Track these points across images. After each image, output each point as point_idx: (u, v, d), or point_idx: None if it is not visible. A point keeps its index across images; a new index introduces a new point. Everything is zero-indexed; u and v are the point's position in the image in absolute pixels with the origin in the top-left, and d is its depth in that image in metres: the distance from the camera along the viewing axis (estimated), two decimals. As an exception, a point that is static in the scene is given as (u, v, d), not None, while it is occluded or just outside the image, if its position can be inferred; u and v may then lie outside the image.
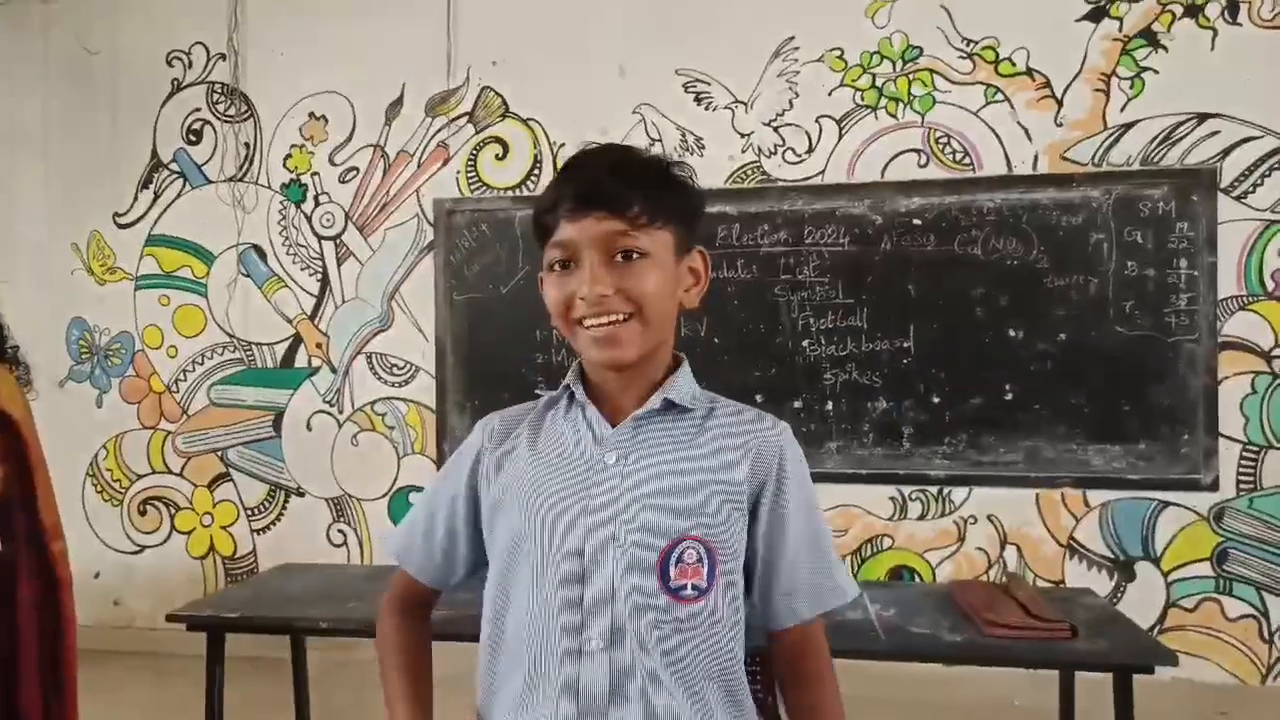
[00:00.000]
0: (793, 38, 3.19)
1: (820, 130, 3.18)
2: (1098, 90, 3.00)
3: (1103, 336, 2.96)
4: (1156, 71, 2.96)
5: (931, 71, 3.10)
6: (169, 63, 3.68)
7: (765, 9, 3.19)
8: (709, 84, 3.26)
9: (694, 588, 0.88)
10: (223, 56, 3.63)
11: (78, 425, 3.73)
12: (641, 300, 0.89)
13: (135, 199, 3.71)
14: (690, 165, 0.99)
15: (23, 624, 1.37)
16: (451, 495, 1.01)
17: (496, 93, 3.42)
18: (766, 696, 1.07)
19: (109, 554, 3.74)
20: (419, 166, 3.49)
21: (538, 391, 1.03)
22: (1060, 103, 3.02)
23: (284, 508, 3.61)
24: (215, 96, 3.65)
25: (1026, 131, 3.04)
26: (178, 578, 3.67)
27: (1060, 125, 3.02)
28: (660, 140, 3.26)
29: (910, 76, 3.12)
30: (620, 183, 0.89)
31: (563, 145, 3.36)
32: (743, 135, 3.23)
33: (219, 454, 3.66)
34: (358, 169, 3.53)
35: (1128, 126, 2.98)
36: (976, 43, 3.07)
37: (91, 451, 3.75)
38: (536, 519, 0.92)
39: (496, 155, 3.43)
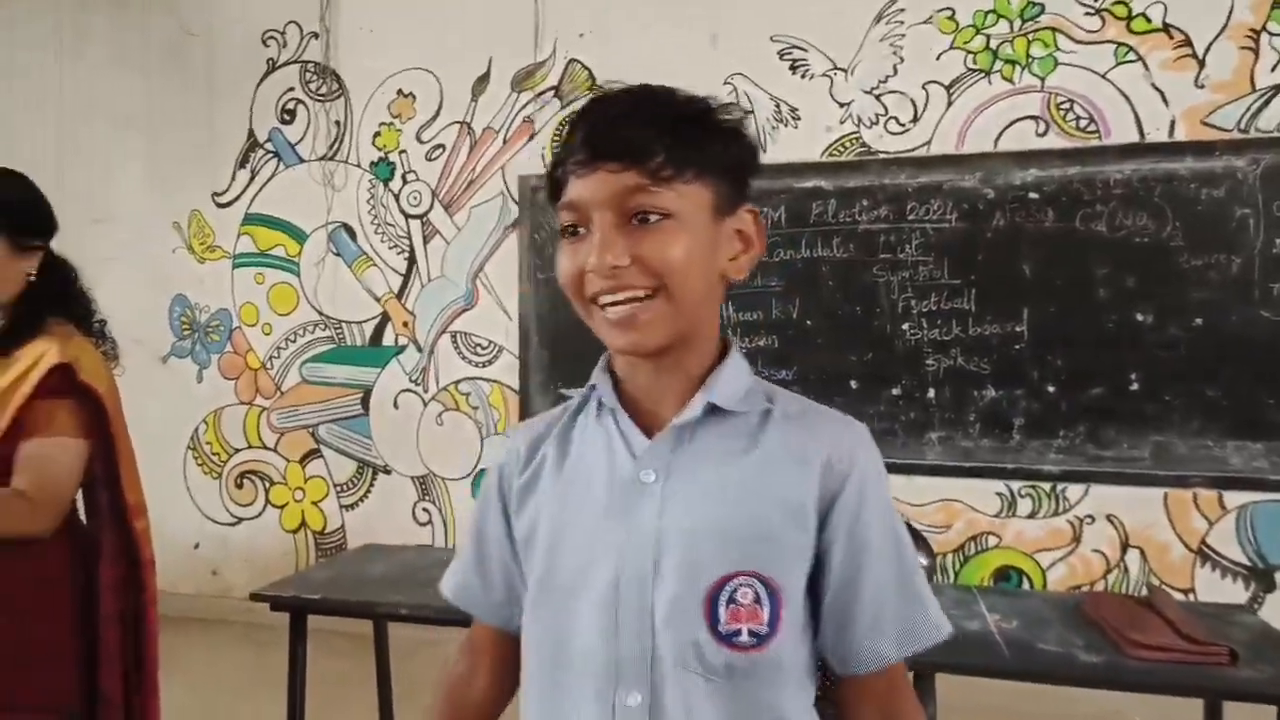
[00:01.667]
0: (898, -2, 2.98)
1: (927, 97, 2.97)
2: (1245, 48, 2.70)
3: (1245, 322, 2.67)
4: (1316, 25, 2.64)
5: (1054, 30, 2.84)
6: (264, 42, 3.71)
7: (868, -32, 2.99)
8: (806, 50, 3.07)
9: (752, 633, 0.72)
10: (315, 35, 3.65)
11: (180, 400, 3.84)
12: (665, 272, 0.71)
13: (233, 178, 3.78)
14: (742, 108, 0.82)
15: (105, 608, 1.36)
16: (494, 522, 0.87)
17: (583, 65, 3.32)
18: None
19: (208, 525, 3.86)
20: (504, 143, 3.42)
21: (563, 392, 0.89)
22: (1201, 63, 2.73)
23: (371, 485, 3.64)
24: (308, 75, 3.67)
25: (1162, 95, 2.76)
26: (272, 550, 3.75)
27: (1201, 88, 2.73)
28: (753, 112, 3.10)
29: (1030, 36, 2.87)
30: (639, 126, 0.71)
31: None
32: (841, 105, 3.04)
33: (310, 430, 3.72)
34: (444, 146, 3.50)
35: (1278, 89, 2.67)
36: (1106, -3, 2.80)
37: (193, 425, 3.87)
38: (563, 555, 0.78)
39: (583, 130, 3.33)
